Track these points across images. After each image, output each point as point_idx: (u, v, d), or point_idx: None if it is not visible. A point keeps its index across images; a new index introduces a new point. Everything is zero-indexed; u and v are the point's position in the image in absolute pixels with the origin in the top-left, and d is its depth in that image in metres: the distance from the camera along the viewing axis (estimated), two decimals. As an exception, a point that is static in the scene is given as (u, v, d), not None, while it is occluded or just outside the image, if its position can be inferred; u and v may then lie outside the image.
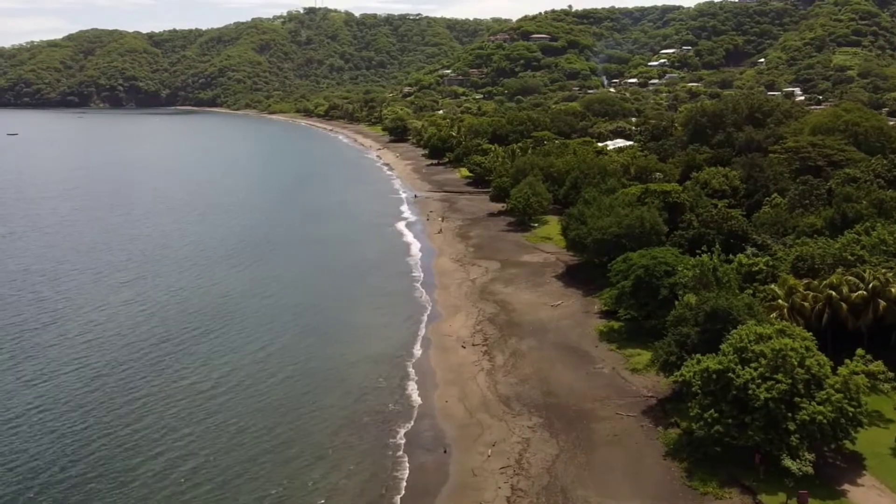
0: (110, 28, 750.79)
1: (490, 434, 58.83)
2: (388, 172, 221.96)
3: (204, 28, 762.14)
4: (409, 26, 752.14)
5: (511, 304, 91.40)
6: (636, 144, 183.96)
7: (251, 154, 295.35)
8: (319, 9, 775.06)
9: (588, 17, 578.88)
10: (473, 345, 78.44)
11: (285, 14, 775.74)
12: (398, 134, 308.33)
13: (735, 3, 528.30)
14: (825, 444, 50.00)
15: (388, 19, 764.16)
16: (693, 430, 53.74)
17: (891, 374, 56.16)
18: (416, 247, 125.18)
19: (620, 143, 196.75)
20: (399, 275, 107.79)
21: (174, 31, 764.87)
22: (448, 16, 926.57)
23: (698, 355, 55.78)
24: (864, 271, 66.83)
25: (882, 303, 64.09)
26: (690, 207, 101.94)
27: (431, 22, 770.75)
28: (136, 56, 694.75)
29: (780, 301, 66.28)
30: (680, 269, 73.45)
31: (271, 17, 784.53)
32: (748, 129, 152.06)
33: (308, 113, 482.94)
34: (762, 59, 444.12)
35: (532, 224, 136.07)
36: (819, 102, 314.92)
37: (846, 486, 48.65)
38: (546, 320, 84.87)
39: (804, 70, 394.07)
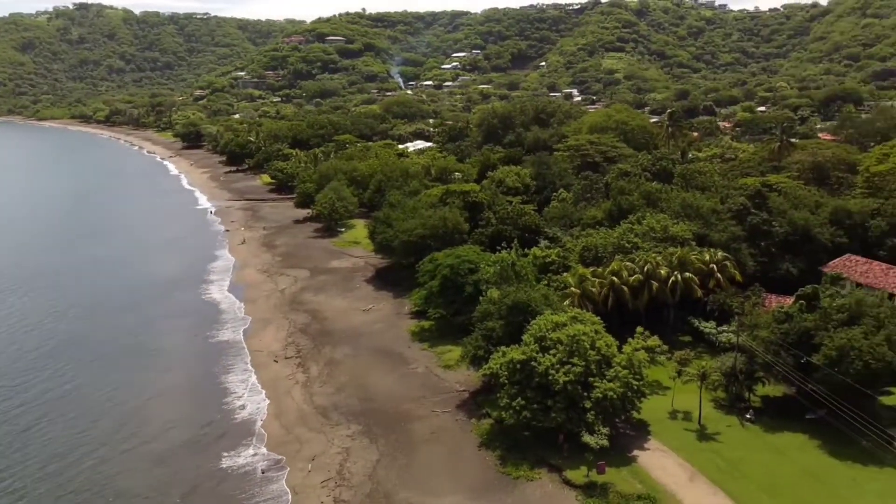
0: None
1: (309, 448, 57.84)
2: (184, 182, 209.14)
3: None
4: (197, 26, 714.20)
5: (323, 312, 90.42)
6: (435, 146, 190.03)
7: (16, 167, 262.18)
8: (92, 5, 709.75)
9: (382, 20, 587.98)
10: (286, 358, 76.52)
11: (51, 10, 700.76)
12: (192, 140, 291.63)
13: (517, 9, 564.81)
14: (616, 416, 55.27)
15: (173, 18, 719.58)
16: (503, 418, 56.79)
17: (665, 347, 63.70)
18: (219, 260, 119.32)
19: (420, 144, 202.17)
20: (201, 291, 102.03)
21: None
22: (238, 15, 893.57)
23: (504, 347, 59.17)
24: (639, 257, 74.79)
25: (655, 284, 72.18)
26: (488, 205, 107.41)
27: (221, 22, 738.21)
28: None
29: (572, 289, 72.14)
30: (483, 266, 77.17)
31: (34, 12, 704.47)
32: (535, 129, 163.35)
33: (86, 119, 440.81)
34: (543, 63, 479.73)
35: (339, 229, 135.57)
36: (594, 102, 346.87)
37: (636, 452, 54.25)
38: (359, 325, 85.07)
39: (580, 73, 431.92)
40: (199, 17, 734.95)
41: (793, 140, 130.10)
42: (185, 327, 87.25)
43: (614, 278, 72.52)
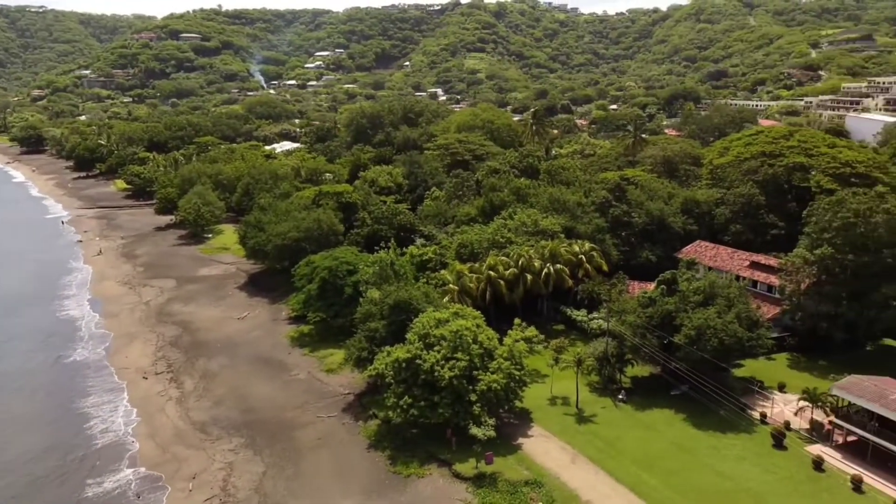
0: None
1: (189, 466, 55.07)
2: (32, 190, 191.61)
3: None
4: (32, 20, 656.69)
5: (194, 322, 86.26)
6: (303, 147, 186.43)
7: None
8: None
9: (240, 17, 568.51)
10: (157, 374, 72.30)
11: None
12: (32, 144, 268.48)
13: (379, 9, 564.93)
14: (500, 407, 56.86)
15: (3, 11, 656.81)
16: (390, 418, 56.79)
17: (542, 337, 66.18)
18: (74, 273, 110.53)
19: (288, 145, 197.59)
20: (56, 307, 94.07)
21: None
22: (79, 10, 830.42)
23: (388, 347, 59.20)
24: (513, 251, 77.29)
25: (529, 276, 74.90)
26: (362, 206, 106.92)
27: (59, 16, 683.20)
28: None
29: (451, 285, 73.35)
30: (362, 266, 76.70)
31: None
32: (404, 128, 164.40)
33: None
34: (407, 63, 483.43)
35: (206, 235, 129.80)
36: (458, 101, 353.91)
37: (520, 440, 56.11)
38: (234, 334, 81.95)
39: (443, 73, 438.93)
40: (33, 10, 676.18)
41: (644, 136, 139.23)
42: (39, 348, 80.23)
43: (491, 273, 74.51)
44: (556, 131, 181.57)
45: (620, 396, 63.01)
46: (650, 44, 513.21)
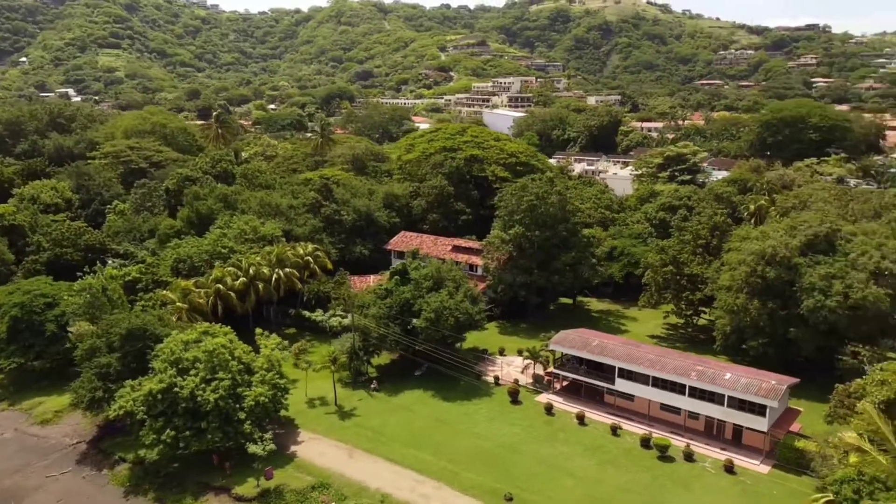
0: None
1: None
2: None
3: None
4: None
5: None
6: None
7: None
8: None
9: None
10: None
11: None
12: None
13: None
14: (268, 418, 55.59)
15: None
16: (143, 457, 51.47)
17: (285, 343, 65.74)
18: None
19: None
20: None
21: None
22: None
23: (130, 381, 53.60)
24: (240, 260, 74.82)
25: (261, 284, 73.43)
26: (31, 228, 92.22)
27: None
28: None
29: (178, 304, 68.28)
30: (64, 297, 66.96)
31: None
32: (55, 135, 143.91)
33: None
34: (25, 59, 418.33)
35: None
36: (98, 103, 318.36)
37: (293, 448, 55.73)
38: None
39: (73, 71, 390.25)
40: None
41: (332, 137, 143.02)
42: None
43: (219, 286, 71.26)
44: (248, 133, 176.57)
45: (373, 386, 66.09)
46: (296, 44, 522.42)
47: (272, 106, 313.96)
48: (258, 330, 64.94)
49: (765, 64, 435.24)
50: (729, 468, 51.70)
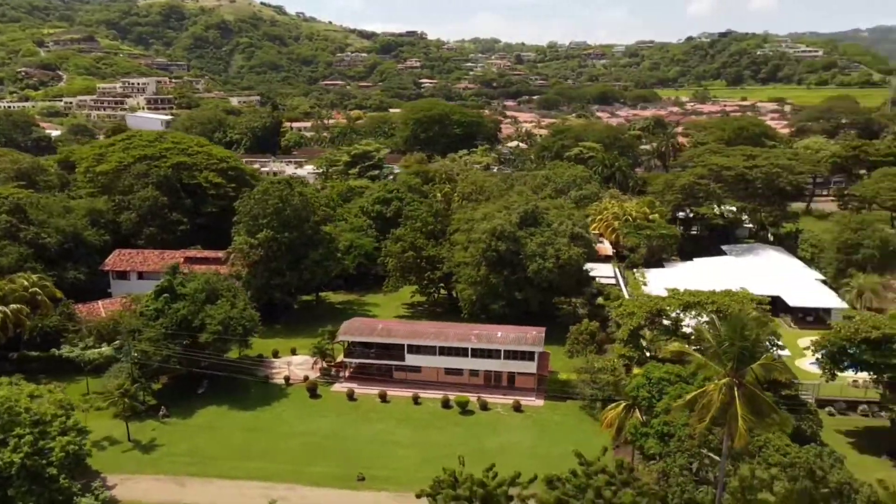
0: None
1: None
2: None
3: None
4: None
5: None
6: None
7: None
8: None
9: None
10: None
11: None
12: None
13: None
14: (79, 467, 49.10)
15: None
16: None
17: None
18: None
19: None
20: None
21: None
22: None
23: None
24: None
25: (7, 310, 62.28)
26: None
27: None
28: None
29: None
30: None
31: None
32: None
33: None
34: None
35: None
36: None
37: (113, 494, 50.17)
38: None
39: None
40: None
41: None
42: None
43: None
44: None
45: (162, 412, 61.74)
46: None
47: None
48: (3, 380, 55.78)
49: (379, 66, 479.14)
50: (517, 408, 62.81)
